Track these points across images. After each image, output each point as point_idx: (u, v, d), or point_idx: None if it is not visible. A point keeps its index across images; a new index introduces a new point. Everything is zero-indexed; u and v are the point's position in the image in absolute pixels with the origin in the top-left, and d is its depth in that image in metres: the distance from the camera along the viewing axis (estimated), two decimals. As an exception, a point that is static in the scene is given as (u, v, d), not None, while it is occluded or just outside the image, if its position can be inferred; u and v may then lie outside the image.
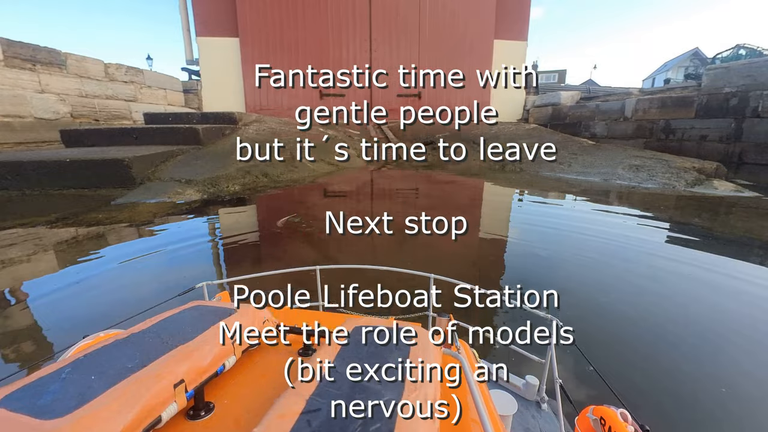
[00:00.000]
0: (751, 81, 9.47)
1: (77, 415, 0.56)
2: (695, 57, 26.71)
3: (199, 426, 0.72)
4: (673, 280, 3.80)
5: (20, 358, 2.46)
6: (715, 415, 2.01)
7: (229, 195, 7.67)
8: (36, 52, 11.99)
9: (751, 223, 5.91)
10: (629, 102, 12.75)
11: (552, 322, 1.45)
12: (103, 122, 14.51)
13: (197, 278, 1.67)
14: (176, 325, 0.87)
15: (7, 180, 7.28)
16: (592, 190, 8.55)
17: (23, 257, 4.22)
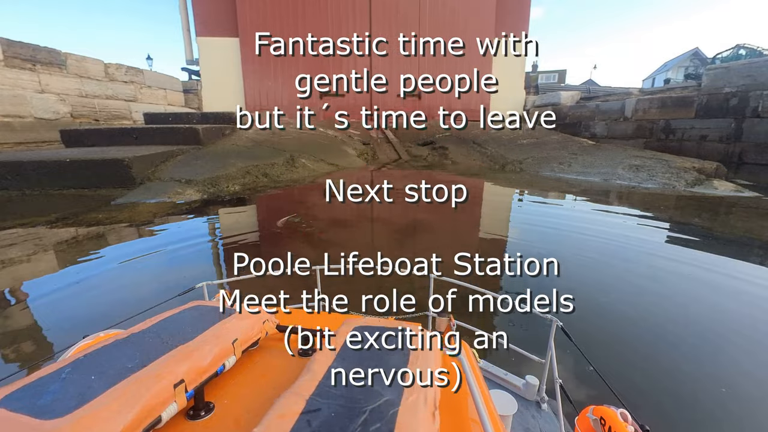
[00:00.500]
0: (751, 81, 9.47)
1: (77, 415, 0.56)
2: (695, 57, 26.71)
3: (199, 426, 0.72)
4: (673, 280, 3.80)
5: (20, 358, 2.46)
6: (715, 415, 2.01)
7: (229, 195, 7.67)
8: (36, 52, 11.99)
9: (751, 223, 5.91)
10: (629, 102, 12.75)
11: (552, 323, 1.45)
12: (103, 122, 14.51)
13: (197, 278, 1.67)
14: (176, 325, 0.87)
15: (7, 180, 7.28)
16: (592, 190, 8.55)
17: (23, 257, 4.22)
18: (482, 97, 18.07)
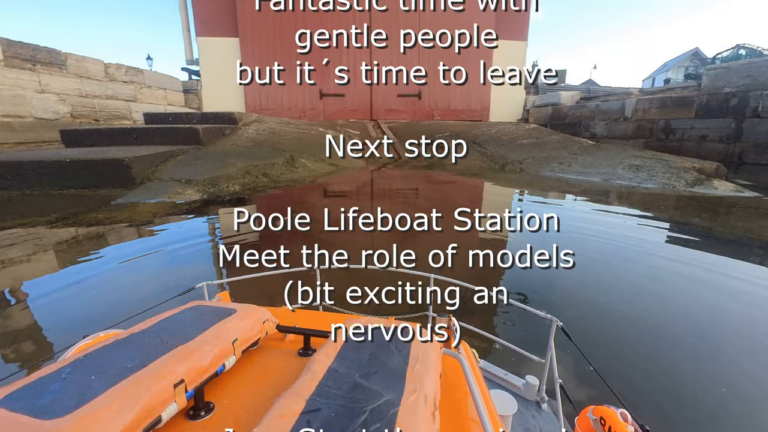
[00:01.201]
0: (751, 81, 9.47)
1: (77, 415, 0.56)
2: (695, 57, 26.70)
3: (199, 426, 0.72)
4: (673, 280, 3.80)
5: (20, 358, 2.46)
6: (715, 415, 2.01)
7: (229, 195, 7.67)
8: (36, 52, 11.98)
9: (751, 223, 5.91)
10: (629, 102, 12.75)
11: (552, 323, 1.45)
12: (103, 122, 14.51)
13: (197, 278, 1.67)
14: (176, 325, 0.86)
15: (7, 180, 7.28)
16: (592, 190, 8.55)
17: (23, 257, 4.22)
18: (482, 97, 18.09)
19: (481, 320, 2.92)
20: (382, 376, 0.70)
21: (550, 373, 1.46)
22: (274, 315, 1.04)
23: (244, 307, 0.99)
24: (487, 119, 18.02)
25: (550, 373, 1.46)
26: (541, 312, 1.46)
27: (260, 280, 1.75)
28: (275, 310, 1.17)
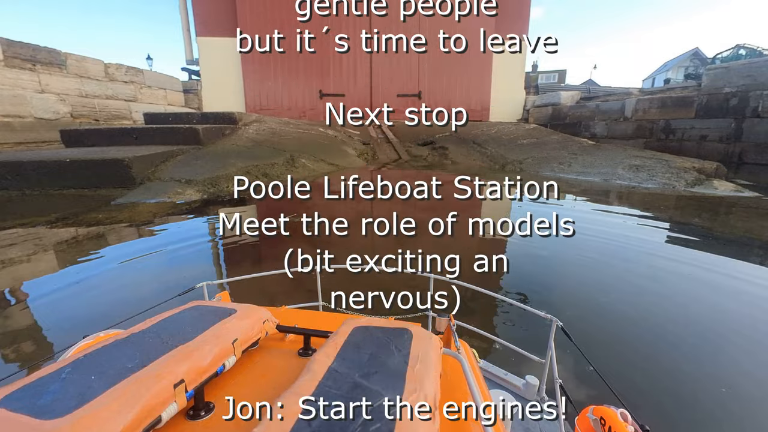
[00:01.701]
0: (751, 81, 9.47)
1: (77, 415, 0.56)
2: (695, 57, 26.70)
3: (199, 426, 0.72)
4: (673, 280, 3.80)
5: (20, 358, 2.46)
6: (715, 415, 2.01)
7: (229, 195, 7.67)
8: (36, 52, 11.98)
9: (751, 223, 5.91)
10: (629, 102, 12.75)
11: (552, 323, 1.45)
12: (103, 122, 14.51)
13: (197, 278, 1.67)
14: (176, 325, 0.86)
15: (7, 180, 7.28)
16: (592, 190, 8.55)
17: (23, 257, 4.22)
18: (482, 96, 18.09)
19: (481, 320, 2.92)
20: (382, 376, 0.70)
21: (550, 373, 1.46)
22: (274, 315, 1.04)
23: (244, 307, 0.99)
24: (487, 119, 18.03)
25: (550, 373, 1.46)
26: (541, 312, 1.46)
27: (260, 280, 1.76)
28: (275, 310, 1.17)
